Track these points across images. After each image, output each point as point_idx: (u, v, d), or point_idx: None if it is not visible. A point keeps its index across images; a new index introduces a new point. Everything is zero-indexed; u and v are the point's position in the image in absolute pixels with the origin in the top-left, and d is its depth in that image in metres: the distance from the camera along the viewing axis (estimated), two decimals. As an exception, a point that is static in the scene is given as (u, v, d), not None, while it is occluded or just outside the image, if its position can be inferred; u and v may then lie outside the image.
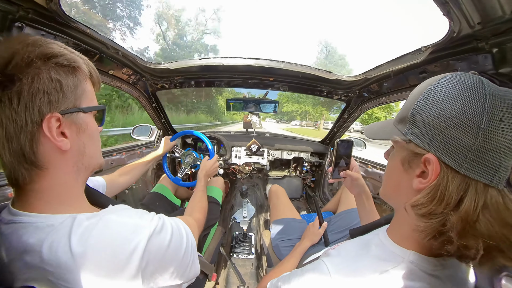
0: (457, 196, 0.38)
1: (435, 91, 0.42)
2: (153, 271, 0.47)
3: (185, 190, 2.05)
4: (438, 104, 0.41)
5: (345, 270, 0.49)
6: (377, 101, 1.65)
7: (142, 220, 0.50)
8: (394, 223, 0.54)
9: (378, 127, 0.59)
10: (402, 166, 0.48)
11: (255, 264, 1.58)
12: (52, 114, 0.45)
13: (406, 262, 0.46)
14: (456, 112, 0.38)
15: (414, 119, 0.44)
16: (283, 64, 1.59)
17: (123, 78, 1.50)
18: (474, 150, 0.37)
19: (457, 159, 0.38)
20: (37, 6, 0.72)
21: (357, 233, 0.69)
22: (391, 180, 0.54)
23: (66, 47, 0.49)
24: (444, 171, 0.39)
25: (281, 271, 1.02)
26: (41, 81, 0.43)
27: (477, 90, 0.38)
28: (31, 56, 0.42)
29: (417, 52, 1.02)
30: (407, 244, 0.48)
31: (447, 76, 0.43)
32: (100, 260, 0.42)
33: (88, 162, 0.54)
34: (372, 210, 0.94)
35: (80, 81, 0.49)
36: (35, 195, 0.47)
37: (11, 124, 0.42)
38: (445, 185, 0.39)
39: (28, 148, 0.44)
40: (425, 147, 0.42)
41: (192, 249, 0.61)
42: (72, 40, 0.94)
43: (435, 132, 0.41)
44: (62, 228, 0.43)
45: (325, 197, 2.49)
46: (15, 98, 0.42)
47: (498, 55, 0.71)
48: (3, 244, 0.45)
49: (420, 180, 0.43)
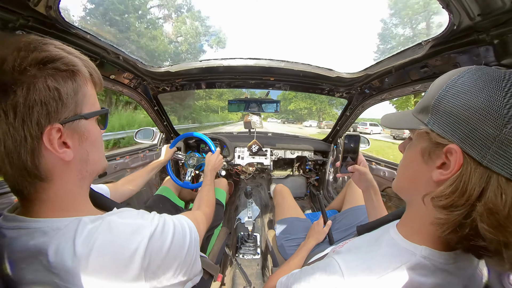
0: (479, 188, 0.37)
1: (460, 81, 0.42)
2: (155, 269, 0.47)
3: (189, 192, 2.06)
4: (463, 94, 0.40)
5: (357, 268, 0.48)
6: (379, 97, 1.64)
7: (143, 220, 0.50)
8: (406, 217, 0.54)
9: (396, 117, 0.58)
10: (422, 157, 0.47)
11: (261, 264, 1.58)
12: (52, 125, 0.42)
13: (418, 258, 0.45)
14: (482, 103, 0.38)
15: (437, 108, 0.43)
16: (284, 63, 1.58)
17: (124, 83, 1.51)
18: (498, 142, 0.37)
19: (480, 151, 0.38)
20: (37, 14, 0.73)
21: (364, 230, 0.68)
22: (408, 172, 0.52)
23: (64, 47, 0.46)
24: (467, 162, 0.39)
25: (287, 270, 1.01)
26: (38, 90, 0.40)
27: (505, 82, 0.38)
28: (24, 64, 0.39)
29: (418, 47, 1.01)
30: (418, 239, 0.48)
31: (472, 68, 0.43)
32: (103, 261, 0.42)
33: (92, 169, 0.53)
34: (380, 205, 0.93)
35: (80, 85, 0.47)
36: (41, 204, 0.47)
37: (10, 139, 0.40)
38: (468, 176, 0.38)
39: (30, 162, 0.42)
40: (448, 137, 0.41)
41: (196, 245, 0.61)
42: (73, 46, 0.95)
43: (459, 122, 0.40)
44: (67, 231, 0.44)
45: (329, 196, 2.47)
46: (10, 112, 0.39)
47: (500, 46, 0.70)
48: (8, 248, 0.46)
49: (441, 172, 0.42)
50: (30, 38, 0.42)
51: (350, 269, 0.48)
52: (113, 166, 1.67)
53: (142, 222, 0.50)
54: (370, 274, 0.46)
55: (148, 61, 1.53)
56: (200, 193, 1.14)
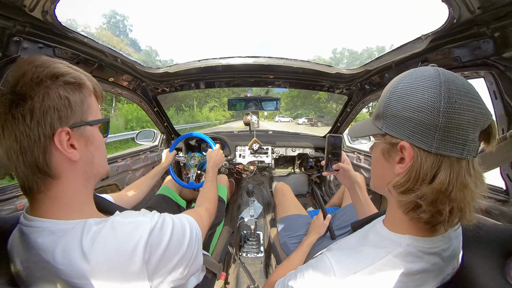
0: (431, 173, 0.43)
1: (399, 87, 0.48)
2: (156, 263, 0.50)
3: (190, 191, 2.07)
4: (403, 97, 0.46)
5: (347, 262, 0.52)
6: (379, 93, 1.63)
7: (144, 217, 0.55)
8: (388, 212, 0.58)
9: (359, 127, 0.64)
10: (383, 157, 0.53)
11: (264, 262, 1.59)
12: (62, 128, 0.48)
13: (403, 246, 0.49)
14: (418, 101, 0.44)
15: (385, 114, 0.50)
16: (283, 60, 1.58)
17: (123, 85, 1.51)
18: (440, 130, 0.42)
19: (426, 141, 0.43)
20: (33, 19, 0.73)
21: (358, 226, 0.71)
22: (377, 170, 0.59)
23: (71, 65, 0.53)
24: (417, 154, 0.45)
25: (289, 265, 1.02)
26: (51, 98, 0.47)
27: (434, 79, 0.44)
28: (41, 76, 0.46)
29: (418, 41, 1.00)
30: (401, 230, 0.52)
31: (409, 72, 0.49)
32: (108, 256, 0.46)
33: (97, 171, 0.58)
34: (366, 201, 0.96)
35: (86, 96, 0.54)
36: (48, 202, 0.51)
37: (25, 139, 0.46)
38: (419, 165, 0.44)
39: (42, 160, 0.48)
40: (398, 136, 0.47)
41: (197, 240, 0.64)
42: (71, 50, 0.95)
43: (403, 122, 0.46)
44: (74, 232, 0.48)
45: (331, 192, 2.47)
46: (28, 115, 0.45)
47: (500, 39, 0.70)
48: (18, 245, 0.51)
49: (400, 166, 0.48)
50: (44, 58, 0.50)
51: (339, 263, 0.52)
52: (115, 168, 1.67)
53: (142, 219, 0.54)
54: (358, 266, 0.50)
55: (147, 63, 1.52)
56: (202, 190, 1.16)
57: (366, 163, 2.03)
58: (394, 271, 0.48)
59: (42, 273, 0.48)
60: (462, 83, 0.43)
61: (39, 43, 0.80)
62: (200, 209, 0.92)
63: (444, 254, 0.52)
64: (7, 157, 0.48)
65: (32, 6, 0.68)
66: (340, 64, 32.37)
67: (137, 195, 1.27)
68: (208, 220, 0.88)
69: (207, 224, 0.86)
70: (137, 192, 1.28)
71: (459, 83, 0.43)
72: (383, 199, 1.79)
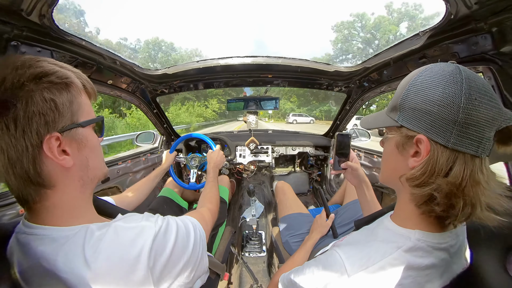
0: (446, 168, 0.44)
1: (419, 80, 0.48)
2: (162, 269, 0.49)
3: (192, 192, 2.07)
4: (423, 90, 0.46)
5: (357, 257, 0.52)
6: (378, 90, 1.63)
7: (148, 222, 0.53)
8: (397, 207, 0.58)
9: (372, 118, 0.64)
10: (397, 150, 0.53)
11: (267, 262, 1.59)
12: (50, 134, 0.45)
13: (413, 241, 0.49)
14: (439, 95, 0.44)
15: (403, 106, 0.49)
16: (281, 59, 1.58)
17: (122, 87, 1.51)
18: (458, 126, 0.42)
19: (444, 136, 0.44)
20: (30, 23, 0.72)
21: (362, 223, 0.71)
22: (389, 164, 0.58)
23: (56, 62, 0.49)
24: (434, 148, 0.45)
25: (292, 264, 1.02)
26: (35, 103, 0.43)
27: (455, 75, 0.44)
28: (22, 80, 0.42)
29: (415, 38, 1.00)
30: (411, 225, 0.52)
31: (429, 66, 0.48)
32: (111, 264, 0.44)
33: (93, 174, 0.55)
34: (373, 200, 0.96)
35: (75, 96, 0.49)
36: (46, 211, 0.48)
37: (12, 150, 0.42)
38: (436, 160, 0.44)
39: (32, 170, 0.44)
40: (416, 129, 0.47)
41: (201, 242, 0.62)
42: (69, 53, 0.95)
43: (422, 115, 0.46)
44: (76, 239, 0.46)
45: (332, 190, 2.47)
46: (11, 124, 0.42)
47: (498, 34, 0.70)
48: (18, 253, 0.48)
49: (414, 159, 0.48)
50: (26, 57, 0.45)
51: (350, 258, 0.52)
52: (115, 171, 1.67)
53: (146, 223, 0.52)
54: (369, 261, 0.50)
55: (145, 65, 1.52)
56: (204, 191, 1.15)
57: (367, 160, 2.03)
58: (405, 266, 0.48)
59: (44, 281, 0.46)
60: (482, 82, 0.43)
61: (37, 47, 0.80)
62: (203, 210, 0.92)
63: (451, 250, 0.52)
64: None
65: (29, 10, 0.68)
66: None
67: (138, 196, 1.27)
68: (211, 221, 0.88)
69: (210, 224, 0.85)
70: (138, 194, 1.27)
71: (479, 82, 0.43)
72: (384, 197, 1.79)
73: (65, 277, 0.43)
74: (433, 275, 0.51)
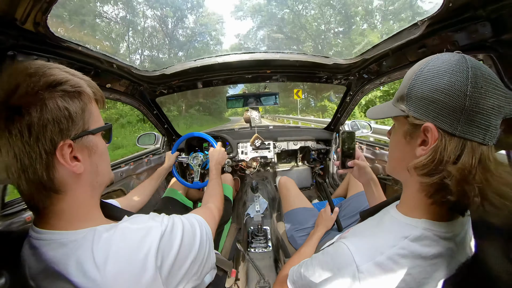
0: (454, 156, 0.44)
1: (425, 69, 0.48)
2: (170, 268, 0.50)
3: (196, 191, 2.08)
4: (429, 79, 0.47)
5: (365, 247, 0.52)
6: (378, 81, 1.61)
7: (154, 222, 0.53)
8: (403, 196, 0.58)
9: (379, 108, 0.64)
10: (405, 139, 0.53)
11: (273, 257, 1.60)
12: (64, 141, 0.46)
13: (420, 230, 0.50)
14: (446, 84, 0.44)
15: (410, 95, 0.50)
16: (279, 54, 1.57)
17: (121, 90, 1.50)
18: (465, 114, 0.43)
19: (451, 124, 0.44)
20: (26, 32, 0.72)
21: (367, 214, 0.71)
22: (396, 154, 0.59)
23: (68, 70, 0.49)
24: (441, 136, 0.45)
25: (299, 258, 1.03)
26: (50, 111, 0.44)
27: (461, 64, 0.44)
28: (36, 87, 0.43)
29: (414, 27, 0.99)
30: (417, 214, 0.52)
31: (435, 56, 0.49)
32: (120, 266, 0.45)
33: (102, 180, 0.57)
34: (381, 196, 0.96)
35: (86, 104, 0.51)
36: (56, 216, 0.49)
37: (25, 156, 0.43)
38: (444, 147, 0.45)
39: (46, 176, 0.45)
40: (423, 118, 0.48)
41: (208, 239, 0.63)
42: (66, 60, 0.95)
43: (429, 104, 0.46)
44: (84, 242, 0.47)
45: (335, 183, 2.48)
46: (25, 131, 0.42)
47: (498, 21, 0.68)
48: (30, 259, 0.49)
49: (422, 148, 0.49)
50: (37, 63, 0.46)
51: (358, 249, 0.52)
52: (118, 173, 1.68)
53: (152, 224, 0.53)
54: (377, 251, 0.51)
55: (143, 66, 1.52)
56: (207, 188, 1.16)
57: (369, 152, 2.02)
58: (413, 255, 0.49)
59: (56, 286, 0.47)
60: (488, 71, 0.44)
61: (33, 55, 0.80)
62: (207, 206, 0.92)
63: (457, 239, 0.53)
64: (7, 175, 0.45)
65: (24, 19, 0.67)
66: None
67: (142, 198, 1.28)
68: (216, 217, 0.88)
69: (216, 220, 0.85)
70: (142, 195, 1.28)
71: (484, 70, 0.44)
72: (387, 188, 1.79)
73: (77, 281, 0.44)
74: (440, 264, 0.51)
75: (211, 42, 32.29)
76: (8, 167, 0.44)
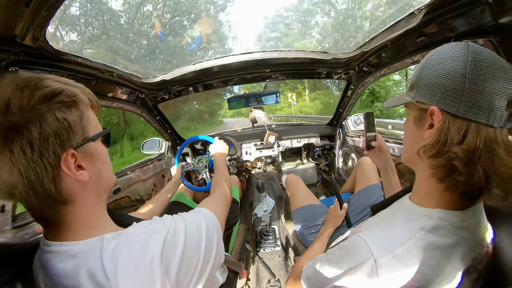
0: (459, 136, 0.46)
1: (431, 58, 0.51)
2: (177, 270, 0.49)
3: (203, 195, 2.09)
4: (434, 66, 0.50)
5: (381, 240, 0.53)
6: (378, 73, 1.60)
7: (156, 225, 0.54)
8: (416, 186, 0.59)
9: (395, 98, 0.68)
10: (415, 125, 0.56)
11: (283, 256, 1.60)
12: (67, 152, 0.46)
13: (435, 220, 0.50)
14: (447, 69, 0.47)
15: (419, 83, 0.53)
16: (277, 53, 1.56)
17: (122, 98, 1.52)
18: (466, 95, 0.45)
19: (453, 105, 0.46)
20: (25, 47, 0.74)
21: (378, 208, 0.71)
22: (409, 140, 0.61)
23: (59, 79, 0.49)
24: (445, 117, 0.47)
25: (311, 254, 1.03)
26: (49, 124, 0.43)
27: (463, 50, 0.47)
28: (32, 102, 0.42)
29: (411, 16, 0.98)
30: (431, 203, 0.53)
31: (442, 46, 0.52)
32: (130, 276, 0.45)
33: (106, 184, 0.57)
34: (397, 184, 0.97)
35: (83, 112, 0.51)
36: (65, 227, 0.49)
37: (31, 172, 0.43)
38: (447, 128, 0.47)
39: (54, 189, 0.45)
40: (428, 102, 0.50)
41: (215, 230, 0.62)
42: (66, 72, 0.96)
43: (434, 89, 0.49)
44: (93, 251, 0.47)
45: (341, 179, 2.46)
46: (28, 147, 0.42)
47: (496, 4, 0.67)
48: (41, 272, 0.49)
49: (429, 131, 0.51)
50: (27, 76, 0.45)
51: (375, 242, 0.52)
52: (125, 181, 1.70)
53: (154, 227, 0.53)
54: (394, 243, 0.51)
55: (142, 73, 1.53)
56: (213, 179, 1.15)
57: None
58: (430, 246, 0.49)
59: None
60: (490, 55, 0.46)
61: (35, 70, 0.82)
62: (215, 195, 0.92)
63: (472, 229, 0.53)
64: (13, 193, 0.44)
65: (23, 35, 0.69)
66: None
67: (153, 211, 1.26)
68: (225, 205, 0.86)
69: (224, 209, 0.84)
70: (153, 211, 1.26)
71: (486, 54, 0.45)
72: None
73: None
74: (457, 254, 0.51)
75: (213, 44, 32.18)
76: (15, 186, 0.43)
